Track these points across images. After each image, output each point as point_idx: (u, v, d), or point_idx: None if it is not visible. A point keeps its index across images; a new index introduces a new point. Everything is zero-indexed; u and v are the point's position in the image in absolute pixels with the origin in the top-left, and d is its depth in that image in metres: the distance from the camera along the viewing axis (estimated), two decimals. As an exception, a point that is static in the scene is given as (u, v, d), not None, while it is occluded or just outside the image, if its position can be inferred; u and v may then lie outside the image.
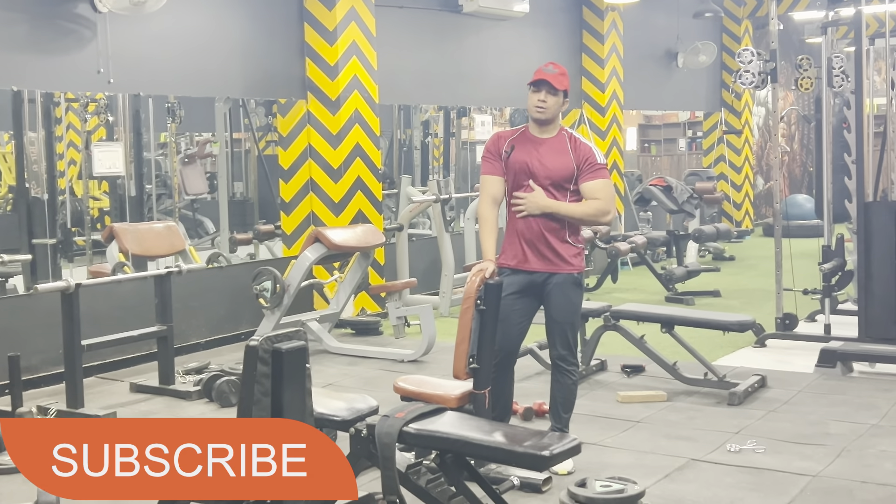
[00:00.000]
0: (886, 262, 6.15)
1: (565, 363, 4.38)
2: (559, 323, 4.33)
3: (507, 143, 4.34)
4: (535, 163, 4.28)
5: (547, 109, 4.27)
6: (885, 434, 4.73)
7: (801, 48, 15.08)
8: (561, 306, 4.31)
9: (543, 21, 10.61)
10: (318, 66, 7.86)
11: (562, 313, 4.32)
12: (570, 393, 4.44)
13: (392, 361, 6.58)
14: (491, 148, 4.38)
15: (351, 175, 7.93)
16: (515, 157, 4.30)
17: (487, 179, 4.35)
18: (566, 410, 4.44)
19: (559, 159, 4.28)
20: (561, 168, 4.27)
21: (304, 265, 6.62)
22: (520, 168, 4.29)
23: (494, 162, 4.34)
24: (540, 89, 4.26)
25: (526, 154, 4.29)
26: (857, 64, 6.29)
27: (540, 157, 4.28)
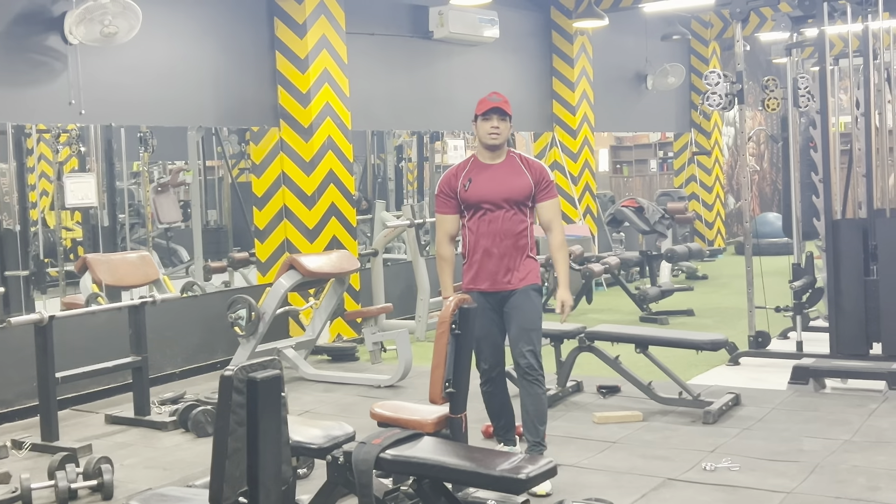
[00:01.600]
0: (855, 278, 6.23)
1: (535, 372, 4.50)
2: (527, 330, 4.49)
3: (464, 178, 4.53)
4: (496, 188, 4.47)
5: (500, 135, 4.48)
6: (857, 450, 4.78)
7: (768, 68, 15.32)
8: (529, 312, 4.50)
9: (513, 46, 10.72)
10: (290, 94, 7.89)
11: (530, 320, 4.50)
12: (543, 403, 4.57)
13: (369, 387, 6.58)
14: (444, 188, 4.57)
15: (325, 201, 7.95)
16: (475, 189, 4.49)
17: (443, 219, 4.60)
18: (542, 422, 4.55)
19: (517, 181, 4.49)
20: (520, 189, 4.48)
21: (279, 292, 6.62)
22: (481, 197, 4.48)
23: (448, 200, 4.56)
24: (491, 117, 4.46)
25: (485, 183, 4.48)
26: (822, 84, 6.40)
27: (499, 182, 4.48)
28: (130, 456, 5.20)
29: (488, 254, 4.50)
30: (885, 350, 6.18)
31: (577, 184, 11.44)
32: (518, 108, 10.84)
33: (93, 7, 6.25)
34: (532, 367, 4.49)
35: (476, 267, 4.55)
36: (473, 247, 4.55)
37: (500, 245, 4.49)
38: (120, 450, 5.27)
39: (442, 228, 4.62)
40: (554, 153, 11.42)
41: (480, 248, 4.52)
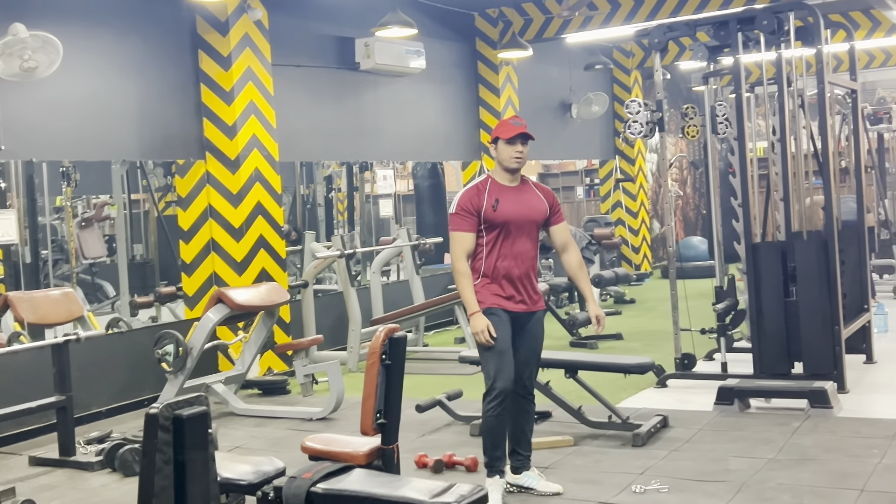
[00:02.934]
0: (775, 300, 6.40)
1: (531, 393, 4.76)
2: (537, 354, 4.72)
3: (489, 198, 4.55)
4: (522, 210, 4.58)
5: (524, 159, 4.62)
6: (781, 468, 4.89)
7: (688, 96, 15.71)
8: (541, 337, 4.73)
9: (440, 77, 10.82)
10: (216, 126, 7.85)
11: (539, 344, 4.71)
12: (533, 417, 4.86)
13: (300, 420, 6.53)
14: (466, 206, 4.54)
15: (253, 233, 7.90)
16: (504, 209, 4.54)
17: (462, 237, 4.56)
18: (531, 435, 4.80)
19: (537, 204, 4.64)
20: (540, 212, 4.65)
21: (207, 327, 6.54)
22: (508, 218, 4.54)
23: (470, 218, 4.54)
24: (516, 142, 4.57)
25: (511, 204, 4.56)
26: (738, 111, 6.58)
27: (523, 204, 4.60)
28: (56, 498, 5.08)
29: (509, 274, 4.56)
30: (806, 369, 6.35)
31: (505, 211, 11.53)
32: (445, 137, 11.04)
33: (11, 42, 6.15)
34: (532, 387, 4.76)
35: (496, 286, 4.57)
36: (494, 266, 4.57)
37: (521, 266, 4.58)
38: (45, 492, 5.15)
39: (461, 246, 4.57)
40: (482, 182, 11.51)
41: (502, 268, 4.56)
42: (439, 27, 10.79)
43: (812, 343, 6.30)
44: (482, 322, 4.45)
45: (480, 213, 4.53)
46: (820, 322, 6.28)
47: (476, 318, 4.46)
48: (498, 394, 4.51)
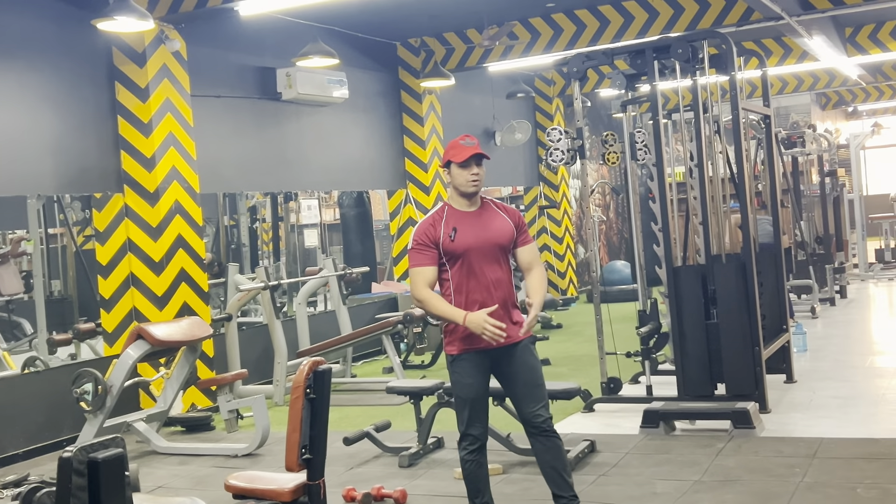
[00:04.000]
0: (697, 322, 6.50)
1: (548, 426, 4.29)
2: (537, 386, 4.30)
3: (446, 227, 4.26)
4: (483, 234, 4.26)
5: (480, 181, 4.28)
6: (707, 489, 4.94)
7: (609, 123, 15.97)
8: (535, 367, 4.33)
9: (363, 106, 10.82)
10: (134, 159, 7.71)
11: (537, 375, 4.32)
12: (565, 453, 4.39)
13: (225, 457, 6.41)
14: (423, 239, 4.26)
15: (174, 267, 7.76)
16: (462, 238, 4.23)
17: (423, 271, 4.24)
18: (569, 473, 4.36)
19: (500, 225, 4.30)
20: (506, 234, 4.30)
21: (127, 363, 6.39)
22: (468, 246, 4.22)
23: (428, 251, 4.25)
24: (470, 164, 4.24)
25: (469, 231, 4.25)
26: (656, 137, 6.70)
27: (484, 228, 4.27)
28: (-33, 547, 4.87)
29: (484, 307, 4.18)
30: (728, 390, 6.45)
31: (431, 240, 11.55)
32: (370, 166, 11.03)
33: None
34: (548, 421, 4.29)
35: (461, 328, 4.20)
36: (465, 302, 4.22)
37: (495, 295, 4.22)
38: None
39: (422, 280, 4.22)
40: (408, 210, 11.53)
41: (474, 302, 4.20)
42: (361, 57, 10.80)
43: (734, 364, 6.40)
44: (478, 319, 4.07)
45: (438, 244, 4.23)
46: (741, 343, 6.39)
47: (470, 320, 4.09)
48: (472, 441, 4.30)
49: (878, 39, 12.18)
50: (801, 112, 18.50)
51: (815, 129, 13.43)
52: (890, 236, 16.33)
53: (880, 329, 10.65)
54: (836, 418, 6.27)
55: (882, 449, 5.39)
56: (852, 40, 12.26)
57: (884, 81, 16.27)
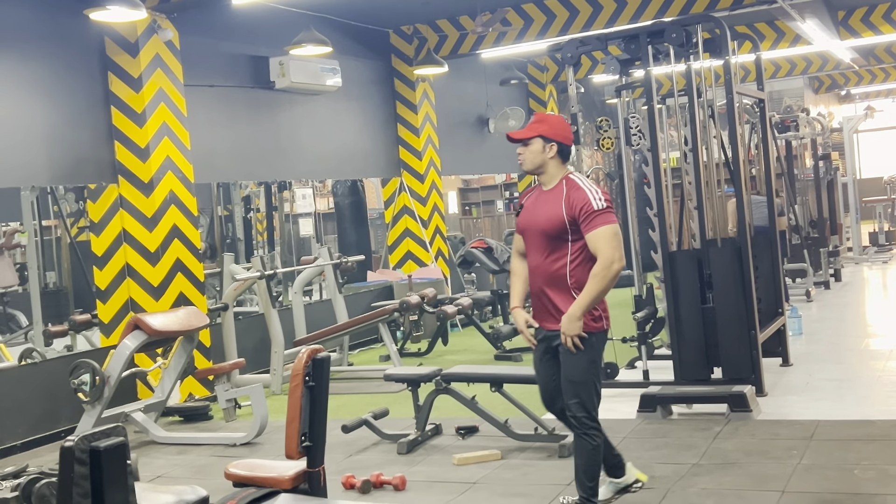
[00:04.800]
0: (693, 307, 6.51)
1: (579, 425, 4.16)
2: (570, 382, 4.16)
3: (520, 203, 4.39)
4: (531, 218, 4.23)
5: (525, 160, 4.23)
6: (704, 472, 4.96)
7: (603, 109, 15.97)
8: (570, 362, 4.14)
9: (357, 94, 10.80)
10: (128, 149, 7.68)
11: (571, 371, 4.15)
12: (590, 458, 4.19)
13: (224, 446, 6.41)
14: (517, 206, 4.45)
15: (169, 257, 7.75)
16: (521, 218, 4.32)
17: (515, 237, 4.44)
18: (589, 478, 4.20)
19: (550, 211, 4.15)
20: (551, 220, 4.13)
21: (124, 354, 6.39)
22: (522, 227, 4.29)
23: (517, 220, 4.41)
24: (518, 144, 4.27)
25: (527, 211, 4.28)
26: (651, 122, 6.70)
27: (536, 211, 4.21)
28: (-33, 539, 4.87)
29: (532, 288, 4.25)
30: (725, 374, 6.47)
31: (427, 227, 11.57)
32: (364, 154, 11.01)
33: None
34: (577, 419, 4.15)
35: (532, 300, 4.31)
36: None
37: (536, 282, 4.20)
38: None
39: (515, 245, 4.43)
40: (403, 198, 11.53)
41: (531, 281, 4.29)
42: (354, 45, 10.78)
43: (730, 348, 6.42)
44: (517, 318, 4.28)
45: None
46: (737, 327, 6.41)
47: (513, 316, 4.31)
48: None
49: (870, 22, 12.18)
50: (794, 96, 18.51)
51: (808, 113, 13.45)
52: (884, 219, 16.38)
53: (875, 312, 10.69)
54: (832, 400, 6.30)
55: (878, 430, 5.42)
56: (845, 23, 12.26)
57: (876, 65, 16.28)
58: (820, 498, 4.39)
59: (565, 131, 4.28)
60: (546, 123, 4.26)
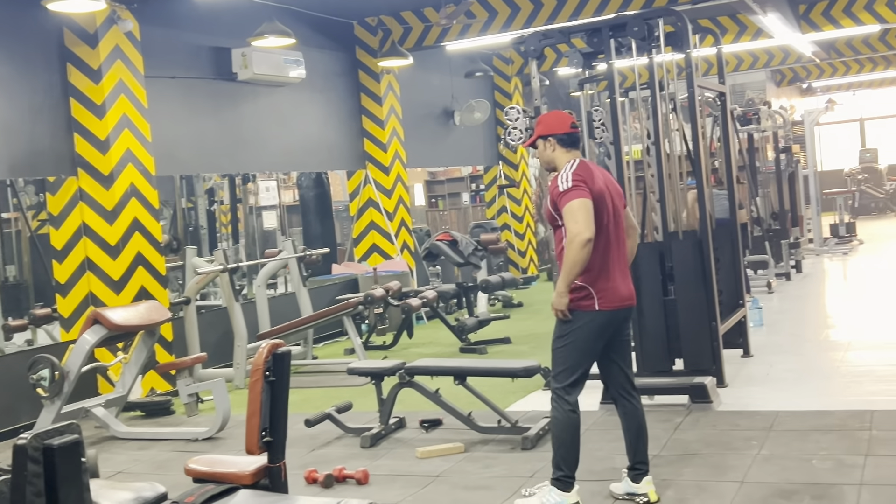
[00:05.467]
0: (655, 299, 6.55)
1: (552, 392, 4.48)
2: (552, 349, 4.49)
3: None
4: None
5: (540, 160, 4.59)
6: (665, 463, 5.00)
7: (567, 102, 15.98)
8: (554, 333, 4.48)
9: (321, 86, 10.74)
10: (87, 141, 7.59)
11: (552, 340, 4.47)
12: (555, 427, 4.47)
13: (185, 441, 6.37)
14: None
15: (130, 251, 7.67)
16: None
17: None
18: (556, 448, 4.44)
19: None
20: (548, 210, 4.43)
21: (84, 349, 6.31)
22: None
23: None
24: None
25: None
26: (613, 115, 6.73)
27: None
28: (-77, 538, 4.80)
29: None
30: (686, 365, 6.52)
31: (392, 220, 11.54)
32: (329, 147, 10.96)
33: None
34: (552, 386, 4.49)
35: None
36: None
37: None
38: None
39: None
40: (368, 190, 11.49)
41: None
42: (318, 36, 10.72)
43: (691, 340, 6.47)
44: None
45: None
46: (698, 319, 6.45)
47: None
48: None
49: (831, 16, 12.31)
50: (756, 89, 18.68)
51: (770, 106, 13.57)
52: (844, 211, 16.58)
53: (834, 303, 10.83)
54: (791, 391, 6.38)
55: (836, 421, 5.49)
56: (806, 17, 12.38)
57: (837, 58, 16.46)
58: (778, 488, 4.45)
59: (557, 123, 4.51)
60: (542, 124, 4.56)
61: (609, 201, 4.40)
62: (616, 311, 4.39)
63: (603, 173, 4.53)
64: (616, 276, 4.40)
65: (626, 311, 4.47)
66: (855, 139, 25.35)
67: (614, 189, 4.51)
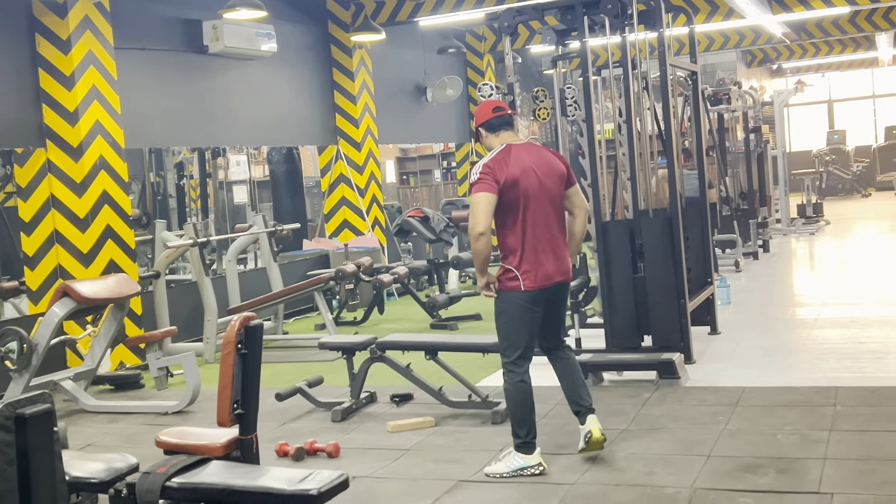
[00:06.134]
0: (625, 276, 6.61)
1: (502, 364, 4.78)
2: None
3: None
4: None
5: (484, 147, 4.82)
6: (633, 438, 5.07)
7: (540, 79, 16.01)
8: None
9: (292, 60, 10.67)
10: (56, 113, 7.51)
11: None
12: (507, 397, 4.72)
13: (155, 415, 6.36)
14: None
15: (99, 224, 7.61)
16: None
17: None
18: (512, 416, 4.68)
19: None
20: None
21: (53, 322, 6.27)
22: None
23: None
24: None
25: None
26: (586, 93, 6.74)
27: None
28: None
29: None
30: (655, 342, 6.59)
31: (363, 196, 11.52)
32: (300, 121, 10.91)
33: None
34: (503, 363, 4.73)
35: None
36: None
37: None
38: None
39: None
40: (339, 166, 11.46)
41: None
42: (290, 10, 10.63)
43: (660, 317, 6.54)
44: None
45: None
46: (667, 296, 6.52)
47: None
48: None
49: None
50: (727, 69, 18.78)
51: (740, 87, 13.66)
52: (811, 192, 16.75)
53: (800, 282, 10.98)
54: (757, 368, 6.47)
55: (801, 396, 5.58)
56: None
57: (807, 39, 16.57)
58: (744, 462, 4.52)
59: (482, 112, 4.80)
60: (475, 117, 4.86)
61: (532, 183, 4.55)
62: (542, 289, 4.59)
63: (534, 155, 4.64)
64: (541, 256, 4.57)
65: (552, 288, 4.64)
66: (823, 121, 25.60)
67: (546, 170, 4.62)
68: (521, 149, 4.65)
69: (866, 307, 8.42)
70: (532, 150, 4.68)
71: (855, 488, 4.07)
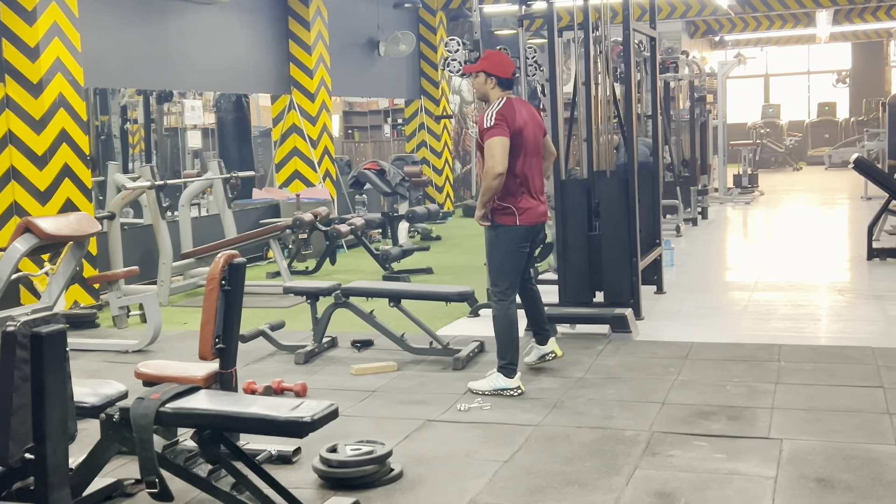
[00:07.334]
0: (580, 234, 6.80)
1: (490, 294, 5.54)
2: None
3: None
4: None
5: (475, 89, 5.22)
6: (590, 385, 5.29)
7: (490, 39, 16.08)
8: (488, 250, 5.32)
9: (249, 7, 10.61)
10: (16, 48, 7.40)
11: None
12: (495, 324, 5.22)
13: (116, 353, 6.40)
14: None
15: (57, 162, 7.56)
16: None
17: None
18: (499, 342, 5.19)
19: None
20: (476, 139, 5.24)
21: (14, 257, 6.22)
22: None
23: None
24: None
25: None
26: (551, 55, 6.88)
27: None
28: None
29: None
30: (606, 298, 6.81)
31: (316, 147, 11.55)
32: (255, 69, 10.87)
33: None
34: (489, 288, 5.37)
35: None
36: None
37: None
38: None
39: None
40: (292, 116, 11.45)
41: None
42: (249, -44, 10.55)
43: (612, 274, 6.75)
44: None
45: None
46: (620, 255, 6.74)
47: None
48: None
49: (750, -28, 12.69)
50: (671, 39, 19.06)
51: (687, 56, 13.94)
52: (748, 163, 17.22)
53: (739, 248, 11.37)
54: (703, 326, 6.75)
55: (747, 352, 5.87)
56: (727, -29, 12.73)
57: (751, 12, 16.94)
58: (697, 409, 4.77)
59: (502, 67, 5.13)
60: (488, 61, 5.16)
61: (530, 134, 5.12)
62: (533, 225, 5.19)
63: (527, 109, 5.25)
64: (535, 198, 5.17)
65: (541, 225, 5.32)
66: (759, 94, 26.20)
67: (535, 122, 5.21)
68: (518, 103, 5.15)
69: (802, 273, 8.79)
70: (524, 105, 5.24)
71: (803, 434, 4.35)
